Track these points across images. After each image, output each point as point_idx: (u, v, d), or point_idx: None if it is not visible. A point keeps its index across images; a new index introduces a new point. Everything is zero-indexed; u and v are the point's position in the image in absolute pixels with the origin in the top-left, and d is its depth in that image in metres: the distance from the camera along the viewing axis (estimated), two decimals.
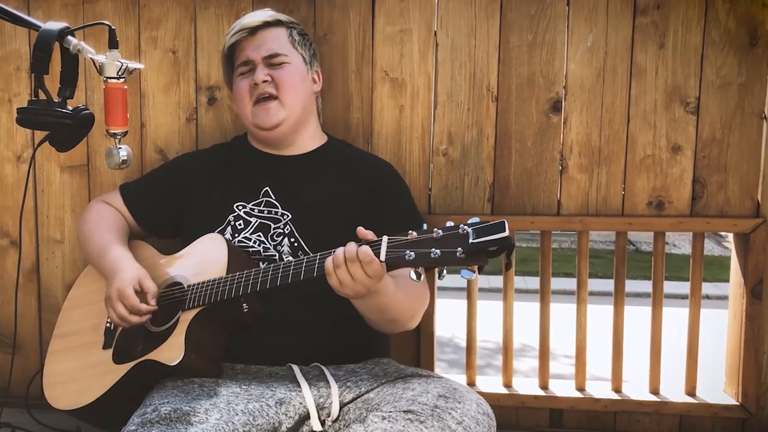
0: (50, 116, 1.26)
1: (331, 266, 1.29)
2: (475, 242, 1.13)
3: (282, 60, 1.62)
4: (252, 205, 1.63)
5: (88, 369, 1.57)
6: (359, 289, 1.29)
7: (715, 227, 1.89)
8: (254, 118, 1.63)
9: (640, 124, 1.86)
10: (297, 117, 1.64)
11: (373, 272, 1.26)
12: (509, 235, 1.11)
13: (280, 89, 1.60)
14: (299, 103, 1.63)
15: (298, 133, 1.67)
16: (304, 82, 1.65)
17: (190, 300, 1.48)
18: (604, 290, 4.00)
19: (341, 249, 1.29)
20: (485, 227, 1.13)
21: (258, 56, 1.61)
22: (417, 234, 1.20)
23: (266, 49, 1.62)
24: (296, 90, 1.63)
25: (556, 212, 1.91)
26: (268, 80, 1.60)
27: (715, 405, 1.89)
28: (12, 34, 2.01)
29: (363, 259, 1.25)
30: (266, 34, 1.63)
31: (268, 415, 1.31)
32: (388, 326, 1.53)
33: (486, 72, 1.89)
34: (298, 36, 1.67)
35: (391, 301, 1.40)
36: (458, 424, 1.22)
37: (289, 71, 1.62)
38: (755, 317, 1.87)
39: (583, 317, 1.94)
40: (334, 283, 1.30)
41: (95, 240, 1.68)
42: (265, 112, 1.61)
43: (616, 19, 1.84)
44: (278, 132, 1.63)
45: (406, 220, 1.65)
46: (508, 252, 1.13)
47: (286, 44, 1.64)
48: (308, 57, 1.68)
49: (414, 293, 1.50)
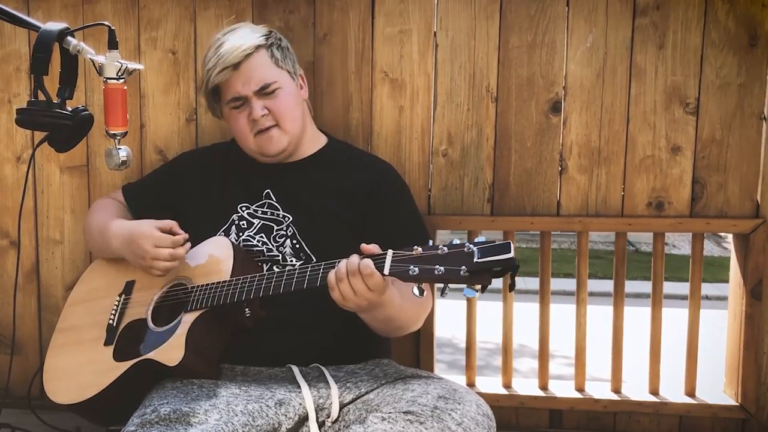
0: (50, 117, 1.26)
1: (334, 280, 1.29)
2: (479, 261, 1.13)
3: (273, 87, 1.58)
4: (255, 207, 1.63)
5: (88, 365, 1.57)
6: (361, 302, 1.29)
7: (714, 228, 1.89)
8: (259, 148, 1.62)
9: (640, 124, 1.86)
10: (298, 135, 1.64)
11: (374, 285, 1.26)
12: (514, 256, 1.12)
13: (279, 118, 1.59)
14: (298, 124, 1.63)
15: (297, 143, 1.67)
16: (297, 100, 1.64)
17: (194, 301, 1.48)
18: (604, 291, 3.99)
19: (344, 261, 1.29)
20: (491, 247, 1.13)
21: (249, 91, 1.57)
22: (422, 249, 1.20)
23: (255, 82, 1.57)
24: (294, 114, 1.62)
25: (555, 213, 1.91)
26: (266, 113, 1.58)
27: (715, 405, 1.90)
28: (12, 34, 2.01)
29: (364, 272, 1.25)
30: (250, 65, 1.56)
31: (268, 416, 1.32)
32: (394, 333, 1.53)
33: (486, 72, 1.89)
34: (277, 52, 1.61)
35: (398, 311, 1.41)
36: (458, 425, 1.22)
37: (283, 98, 1.59)
38: (755, 318, 1.87)
39: (582, 318, 1.94)
40: (336, 297, 1.30)
41: (100, 222, 1.70)
42: (268, 141, 1.60)
43: (615, 19, 1.84)
44: (283, 155, 1.64)
45: (407, 221, 1.65)
46: (512, 273, 1.14)
47: (272, 69, 1.59)
48: (292, 69, 1.64)
49: (417, 300, 1.50)
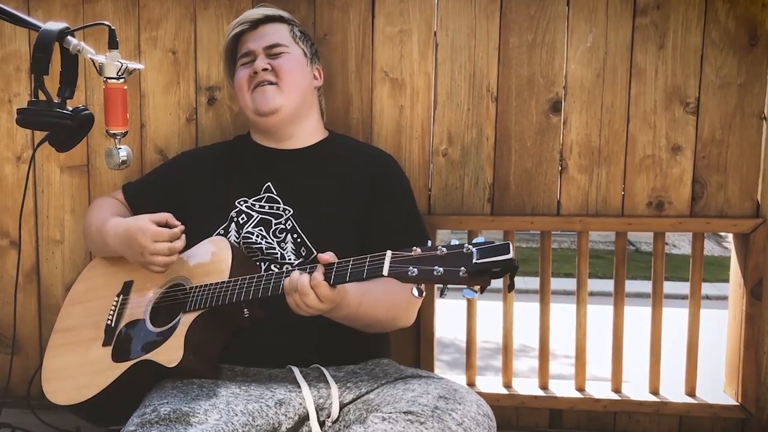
0: (50, 117, 1.26)
1: (288, 289, 1.32)
2: (478, 262, 1.13)
3: (282, 50, 1.64)
4: (253, 201, 1.63)
5: (87, 365, 1.57)
6: (312, 312, 1.32)
7: (714, 227, 1.89)
8: (253, 104, 1.64)
9: (640, 124, 1.86)
10: (296, 105, 1.64)
11: (323, 297, 1.29)
12: (513, 257, 1.12)
13: (279, 76, 1.62)
14: (298, 92, 1.64)
15: (298, 125, 1.67)
16: (304, 72, 1.67)
17: (192, 302, 1.47)
18: (604, 290, 3.99)
19: (287, 280, 1.32)
20: (490, 248, 1.13)
21: (259, 47, 1.64)
22: (421, 250, 1.20)
23: (267, 40, 1.65)
24: (294, 77, 1.64)
25: (555, 212, 1.91)
26: (267, 68, 1.62)
27: (715, 405, 1.90)
28: (12, 34, 2.01)
29: (302, 291, 1.28)
30: (267, 27, 1.67)
31: (268, 416, 1.32)
32: (367, 330, 1.53)
33: (486, 72, 1.89)
34: (299, 32, 1.70)
35: (356, 312, 1.41)
36: (458, 425, 1.22)
37: (289, 60, 1.64)
38: (755, 317, 1.87)
39: (582, 317, 1.94)
40: (291, 304, 1.33)
41: (98, 221, 1.70)
42: (262, 95, 1.62)
43: (615, 19, 1.84)
44: (277, 119, 1.64)
45: (407, 216, 1.65)
46: (511, 274, 1.14)
47: (287, 37, 1.67)
48: (309, 53, 1.70)
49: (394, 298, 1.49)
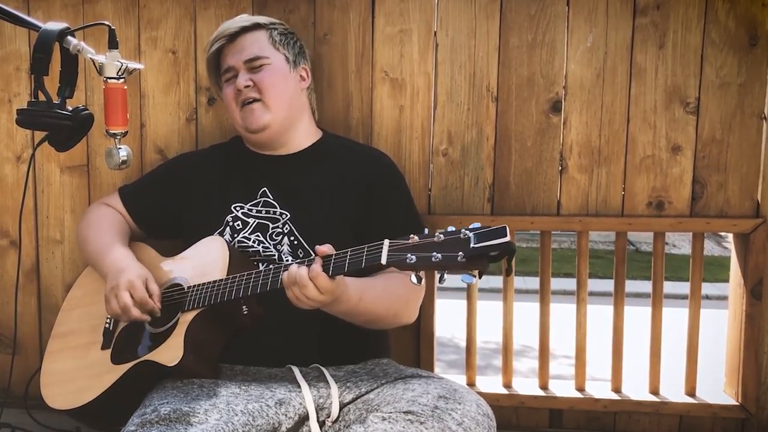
0: (50, 117, 1.26)
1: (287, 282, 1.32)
2: (476, 247, 1.13)
3: (262, 62, 1.62)
4: (250, 206, 1.63)
5: (86, 369, 1.57)
6: (313, 305, 1.32)
7: (714, 227, 1.89)
8: (243, 122, 1.64)
9: (640, 124, 1.86)
10: (284, 116, 1.64)
11: (323, 288, 1.29)
12: (510, 240, 1.12)
13: (262, 92, 1.61)
14: (283, 104, 1.64)
15: (290, 131, 1.67)
16: (287, 80, 1.65)
17: (190, 301, 1.48)
18: (604, 290, 3.99)
19: (285, 274, 1.32)
20: (487, 232, 1.13)
21: (238, 62, 1.63)
22: (418, 238, 1.20)
23: (246, 54, 1.62)
24: (278, 90, 1.63)
25: (555, 212, 1.91)
26: (249, 85, 1.61)
27: (715, 405, 1.90)
28: (12, 34, 2.01)
29: (301, 283, 1.28)
30: (245, 39, 1.64)
31: (268, 416, 1.32)
32: (368, 326, 1.53)
33: (486, 72, 1.89)
34: (278, 36, 1.67)
35: (356, 306, 1.41)
36: (458, 425, 1.22)
37: (270, 72, 1.62)
38: (755, 317, 1.87)
39: (582, 317, 1.94)
40: (291, 297, 1.33)
41: (96, 241, 1.68)
42: (250, 114, 1.62)
43: (615, 19, 1.84)
44: (268, 134, 1.64)
45: (404, 212, 1.65)
46: (509, 257, 1.14)
47: (266, 46, 1.64)
48: (291, 56, 1.67)
49: (395, 294, 1.50)
